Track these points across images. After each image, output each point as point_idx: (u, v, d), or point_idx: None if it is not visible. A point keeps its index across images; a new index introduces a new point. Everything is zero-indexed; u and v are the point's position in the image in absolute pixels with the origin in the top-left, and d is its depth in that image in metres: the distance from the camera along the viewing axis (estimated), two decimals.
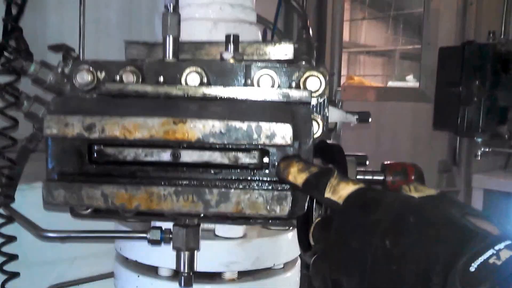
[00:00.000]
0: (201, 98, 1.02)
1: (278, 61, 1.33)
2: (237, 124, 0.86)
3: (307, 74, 1.13)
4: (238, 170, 0.96)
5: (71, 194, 0.89)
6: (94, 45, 2.66)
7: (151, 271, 1.48)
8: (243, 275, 1.48)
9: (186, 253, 1.18)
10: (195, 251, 1.20)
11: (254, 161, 0.98)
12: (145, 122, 0.86)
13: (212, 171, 0.97)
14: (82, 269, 1.88)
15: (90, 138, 0.88)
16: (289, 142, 0.87)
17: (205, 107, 0.92)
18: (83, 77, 1.13)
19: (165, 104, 0.95)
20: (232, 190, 0.89)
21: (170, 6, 1.18)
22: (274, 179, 0.96)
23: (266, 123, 0.86)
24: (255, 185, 0.92)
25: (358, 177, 1.13)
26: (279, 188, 0.92)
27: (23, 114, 1.65)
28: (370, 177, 1.15)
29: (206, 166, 0.98)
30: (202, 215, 1.15)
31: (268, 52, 1.33)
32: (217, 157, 0.98)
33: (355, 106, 1.69)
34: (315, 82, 1.14)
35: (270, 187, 0.92)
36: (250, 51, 1.33)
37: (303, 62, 1.57)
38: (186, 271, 1.19)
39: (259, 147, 0.92)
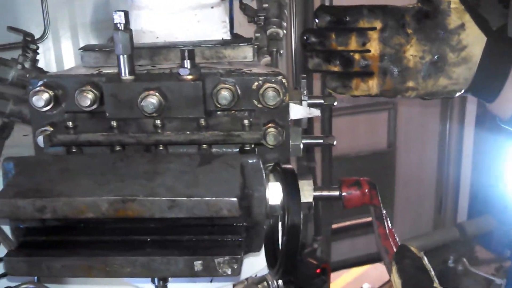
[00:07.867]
0: (154, 143, 1.05)
1: (240, 63, 1.31)
2: (183, 201, 0.89)
3: (265, 86, 1.14)
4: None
5: (32, 268, 0.94)
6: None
7: None
8: None
9: None
10: None
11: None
12: (95, 202, 0.89)
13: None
14: None
15: (43, 218, 0.91)
16: (235, 214, 0.90)
17: (152, 177, 0.94)
18: (40, 100, 1.13)
19: (115, 173, 0.96)
20: (186, 257, 0.93)
21: (120, 25, 1.15)
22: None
23: (212, 199, 0.89)
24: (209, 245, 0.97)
25: (315, 193, 1.16)
26: (232, 248, 0.96)
27: None
28: (326, 193, 1.18)
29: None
30: None
31: (227, 55, 1.31)
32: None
33: None
34: (274, 94, 1.14)
35: (222, 247, 0.96)
36: (209, 55, 1.31)
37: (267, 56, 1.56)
38: None
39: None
